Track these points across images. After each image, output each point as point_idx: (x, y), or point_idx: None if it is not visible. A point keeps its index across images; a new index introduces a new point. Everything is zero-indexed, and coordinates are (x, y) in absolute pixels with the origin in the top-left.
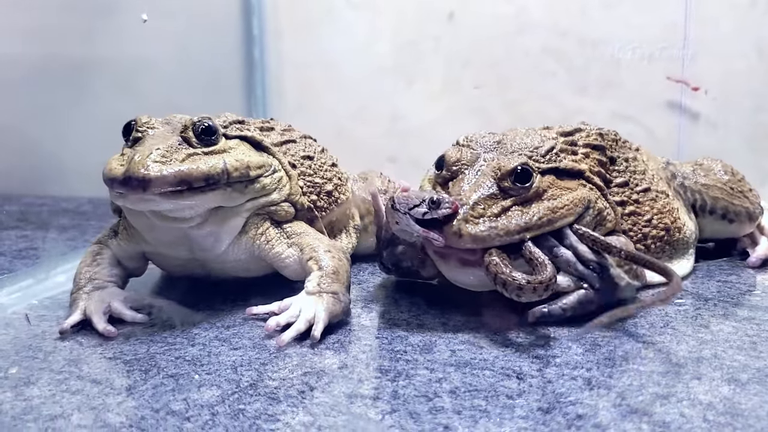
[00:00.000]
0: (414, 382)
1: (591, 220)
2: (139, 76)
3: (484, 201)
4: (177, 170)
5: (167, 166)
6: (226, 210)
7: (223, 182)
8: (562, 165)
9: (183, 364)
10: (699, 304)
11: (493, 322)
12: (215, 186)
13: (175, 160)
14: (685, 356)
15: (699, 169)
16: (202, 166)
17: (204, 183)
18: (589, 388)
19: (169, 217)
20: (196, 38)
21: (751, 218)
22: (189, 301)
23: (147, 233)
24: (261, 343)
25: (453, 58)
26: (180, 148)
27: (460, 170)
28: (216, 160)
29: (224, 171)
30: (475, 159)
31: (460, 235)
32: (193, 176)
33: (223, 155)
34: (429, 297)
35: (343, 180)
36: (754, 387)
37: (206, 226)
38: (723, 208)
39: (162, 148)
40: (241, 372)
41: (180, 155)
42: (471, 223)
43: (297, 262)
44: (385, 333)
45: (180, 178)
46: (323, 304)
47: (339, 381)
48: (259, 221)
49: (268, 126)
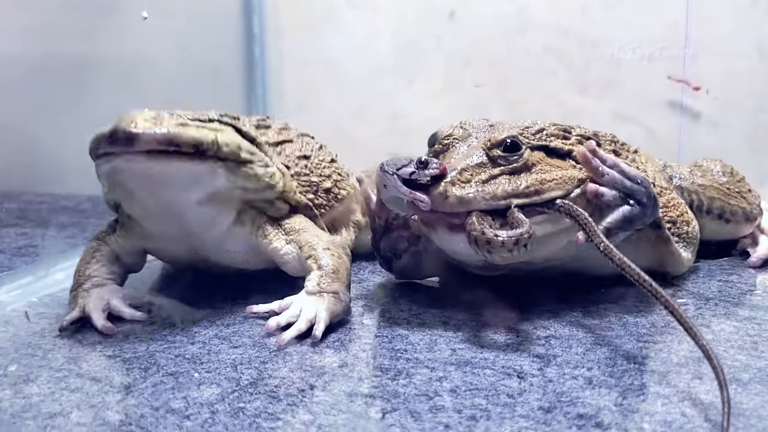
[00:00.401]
0: (414, 380)
1: (579, 200)
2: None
3: (473, 168)
4: (166, 130)
5: (156, 126)
6: (220, 196)
7: (212, 153)
8: (552, 144)
9: (183, 362)
10: (700, 304)
11: (493, 320)
12: (204, 156)
13: (166, 123)
14: (686, 356)
15: (696, 170)
16: (193, 132)
17: (193, 149)
18: (591, 388)
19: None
20: (197, 36)
21: (749, 219)
22: (189, 299)
23: (144, 221)
24: (261, 342)
25: (454, 57)
26: (173, 117)
27: (452, 144)
28: (207, 131)
29: (215, 142)
30: (467, 136)
31: (446, 197)
32: (183, 138)
33: (215, 131)
34: (429, 296)
35: (343, 175)
36: (756, 387)
37: (202, 207)
38: (719, 209)
39: (155, 113)
40: (241, 370)
41: (173, 121)
42: (458, 186)
43: (296, 259)
44: (386, 331)
45: (169, 138)
46: (324, 303)
47: (339, 379)
48: (256, 215)
49: (265, 124)
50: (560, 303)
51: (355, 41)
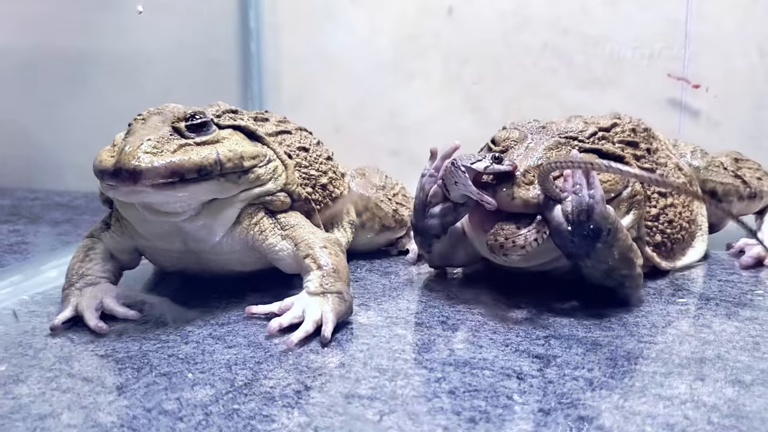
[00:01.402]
0: (412, 381)
1: (627, 198)
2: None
3: (534, 169)
4: (168, 161)
5: (158, 157)
6: (219, 201)
7: (216, 173)
8: (604, 149)
9: (176, 362)
10: (701, 304)
11: (492, 320)
12: (208, 177)
13: (167, 150)
14: (687, 357)
15: (698, 151)
16: (195, 157)
17: (196, 174)
18: (591, 389)
19: (160, 210)
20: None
21: (742, 198)
22: (183, 298)
23: (139, 226)
24: (256, 342)
25: (452, 53)
26: (171, 139)
27: (510, 146)
28: (208, 150)
29: (217, 162)
30: (524, 138)
31: (513, 198)
32: (185, 167)
33: (215, 146)
34: (427, 295)
35: (338, 174)
36: (759, 389)
37: (199, 218)
38: (711, 189)
39: (153, 138)
40: (236, 371)
41: (171, 146)
42: (523, 188)
43: (291, 256)
44: (383, 332)
45: (171, 169)
46: (329, 304)
47: (336, 381)
48: (253, 211)
49: (263, 117)
50: (560, 302)
51: (353, 37)
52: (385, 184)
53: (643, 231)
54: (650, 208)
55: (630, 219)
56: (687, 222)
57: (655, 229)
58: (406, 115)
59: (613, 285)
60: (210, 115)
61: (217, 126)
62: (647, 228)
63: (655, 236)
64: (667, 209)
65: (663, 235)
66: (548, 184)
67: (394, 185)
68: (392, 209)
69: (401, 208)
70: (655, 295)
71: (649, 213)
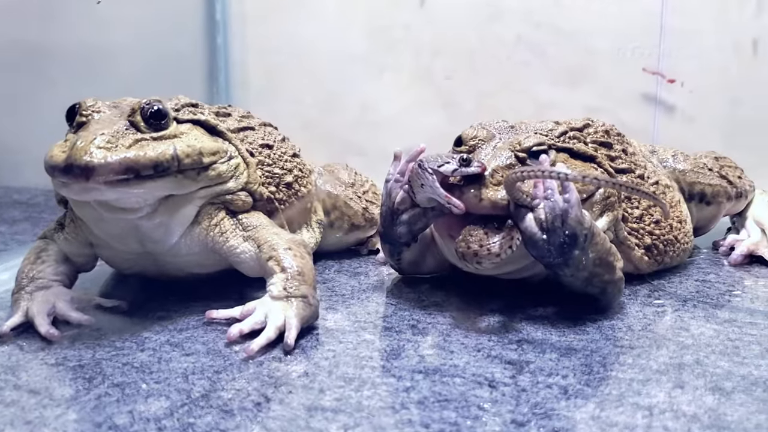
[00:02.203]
0: (380, 391)
1: (600, 200)
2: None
3: (502, 170)
4: (123, 157)
5: (112, 152)
6: (177, 199)
7: (174, 169)
8: (575, 148)
9: (131, 371)
10: (678, 306)
11: (464, 324)
12: (165, 173)
13: (121, 146)
14: (665, 362)
15: (680, 155)
16: (150, 153)
17: (152, 171)
18: (566, 398)
19: (116, 207)
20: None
21: (730, 198)
22: (141, 301)
23: (94, 225)
24: (216, 349)
25: (424, 47)
26: (127, 134)
27: (477, 145)
28: (166, 145)
29: (174, 157)
30: (492, 137)
31: (480, 199)
32: (141, 163)
33: (173, 141)
34: (397, 297)
35: (305, 172)
36: (740, 396)
37: (156, 216)
38: (700, 192)
39: (107, 133)
40: (193, 381)
41: (126, 141)
42: (491, 189)
43: (253, 259)
44: (350, 337)
45: (126, 165)
46: (293, 309)
47: (298, 391)
48: (213, 211)
49: (225, 112)
50: (534, 304)
51: (322, 29)
52: (355, 181)
53: (623, 234)
54: (632, 209)
55: (604, 221)
56: (678, 221)
57: (642, 231)
58: (376, 110)
59: (596, 292)
60: (168, 108)
61: (176, 120)
62: (633, 230)
63: (644, 238)
64: (653, 209)
65: (652, 236)
66: (516, 193)
67: (364, 182)
68: (362, 207)
69: (371, 206)
70: (630, 296)
71: (631, 215)
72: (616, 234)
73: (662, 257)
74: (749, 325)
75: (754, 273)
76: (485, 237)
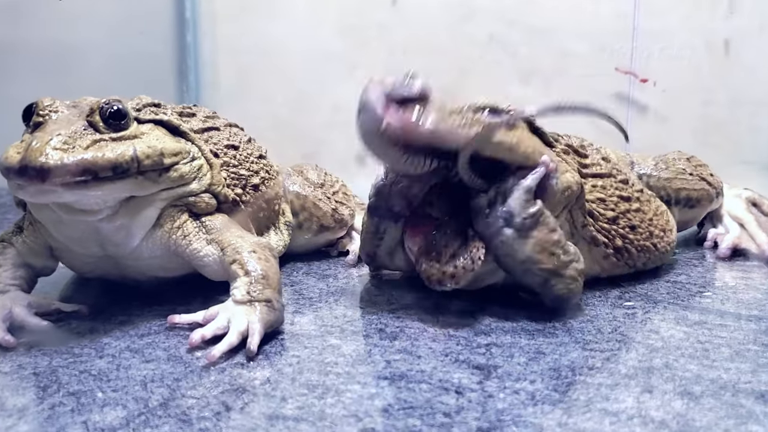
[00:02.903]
0: (343, 399)
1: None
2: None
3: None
4: (80, 158)
5: (69, 153)
6: (138, 201)
7: (134, 171)
8: None
9: (88, 379)
10: (648, 307)
11: (433, 327)
12: (124, 175)
13: (79, 147)
14: (635, 366)
15: (661, 162)
16: (109, 154)
17: (111, 172)
18: (533, 404)
19: (75, 209)
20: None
21: (712, 200)
22: (102, 306)
23: (53, 228)
24: (177, 355)
25: (397, 45)
26: (85, 134)
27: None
28: (125, 146)
29: (134, 159)
30: None
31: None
32: (99, 165)
33: (133, 141)
34: (366, 299)
35: (271, 173)
36: (709, 401)
37: (117, 218)
38: (686, 198)
39: (64, 133)
40: (152, 389)
41: (84, 141)
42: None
43: (217, 262)
44: (316, 342)
45: (83, 167)
46: (257, 314)
47: (260, 399)
48: (175, 213)
49: (189, 112)
50: (504, 306)
51: (294, 27)
52: (324, 182)
53: (588, 231)
54: (606, 210)
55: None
56: (660, 230)
57: (614, 233)
58: (348, 110)
59: (536, 282)
60: (129, 107)
61: (138, 120)
62: (604, 229)
63: (614, 240)
64: (630, 214)
65: (625, 240)
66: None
67: (334, 183)
68: (331, 208)
69: (341, 207)
70: (601, 297)
71: (603, 215)
72: (577, 228)
73: (634, 262)
74: (719, 327)
75: (728, 272)
76: (445, 255)
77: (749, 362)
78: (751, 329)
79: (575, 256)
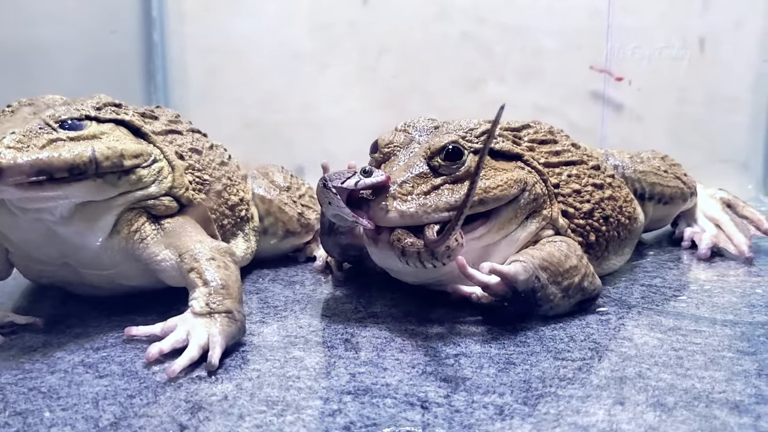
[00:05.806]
0: (303, 416)
1: (525, 204)
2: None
3: (413, 180)
4: (34, 158)
5: (23, 153)
6: (95, 204)
7: (92, 173)
8: (498, 147)
9: (36, 397)
10: (622, 313)
11: (400, 337)
12: (82, 177)
13: (34, 146)
14: (607, 376)
15: (636, 157)
16: (66, 154)
17: (67, 173)
18: (501, 419)
19: (29, 209)
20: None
21: (685, 198)
22: (59, 317)
23: (9, 231)
24: (132, 370)
25: (369, 44)
26: (41, 133)
27: (393, 152)
28: (83, 147)
29: (92, 160)
30: (409, 142)
31: (387, 211)
32: (54, 165)
33: (92, 142)
34: (333, 308)
35: (234, 180)
36: (681, 413)
37: (73, 222)
38: (659, 193)
39: (18, 132)
40: (103, 407)
41: (40, 141)
42: (399, 200)
43: (174, 268)
44: (279, 354)
45: (38, 167)
46: (217, 326)
47: (216, 417)
48: (133, 217)
49: (152, 114)
50: (474, 313)
51: (263, 25)
52: (290, 185)
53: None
54: (582, 204)
55: (533, 226)
56: (627, 218)
57: (589, 228)
58: (320, 110)
59: (581, 297)
60: (88, 107)
61: (97, 120)
62: (579, 227)
63: (589, 235)
64: (604, 203)
65: (598, 233)
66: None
67: (300, 186)
68: (297, 212)
69: (307, 211)
70: None
71: (579, 210)
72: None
73: (602, 253)
74: (694, 333)
75: (703, 274)
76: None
77: (724, 370)
78: (726, 335)
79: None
